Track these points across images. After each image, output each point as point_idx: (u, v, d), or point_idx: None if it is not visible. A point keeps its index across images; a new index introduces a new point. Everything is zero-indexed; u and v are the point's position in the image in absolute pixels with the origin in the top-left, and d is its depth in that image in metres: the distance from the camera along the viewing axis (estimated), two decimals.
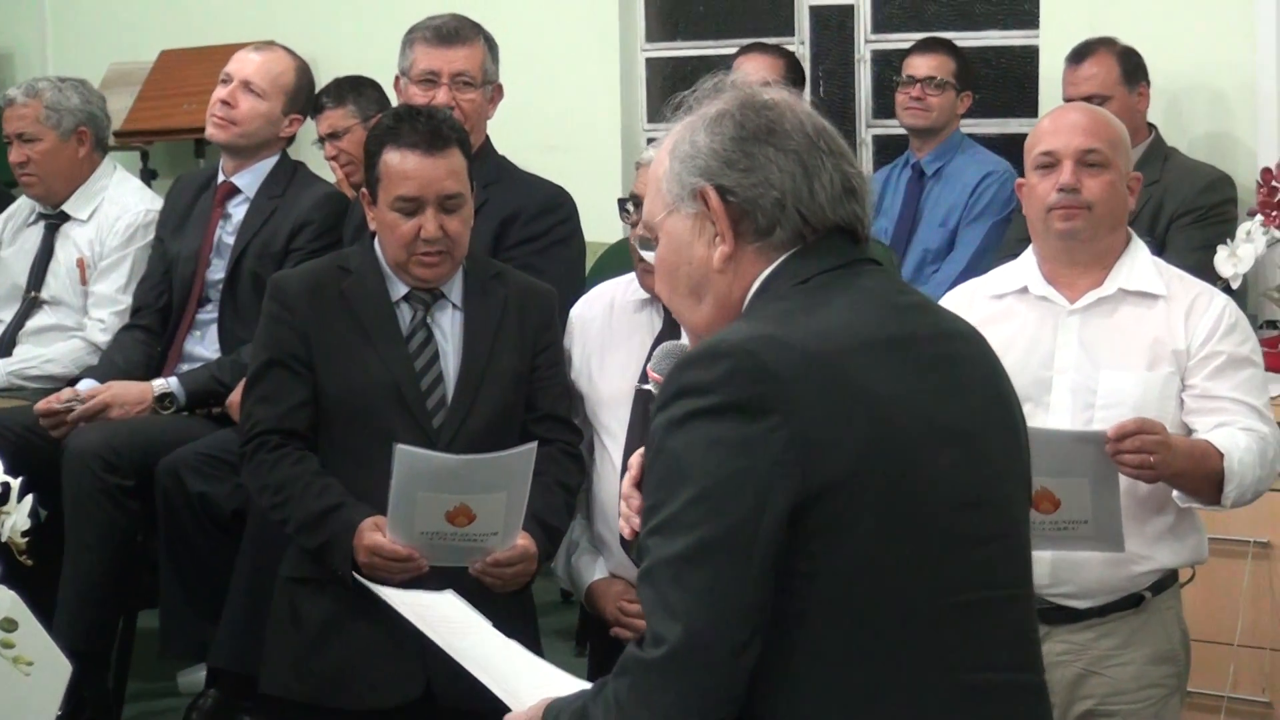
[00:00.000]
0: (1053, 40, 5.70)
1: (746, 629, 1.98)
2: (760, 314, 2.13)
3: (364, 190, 3.68)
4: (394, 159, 3.57)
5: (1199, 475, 3.18)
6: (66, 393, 4.63)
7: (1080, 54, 5.26)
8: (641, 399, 3.64)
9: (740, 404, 2.00)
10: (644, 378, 3.64)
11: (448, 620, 2.86)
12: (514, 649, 2.67)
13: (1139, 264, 3.37)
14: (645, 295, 3.72)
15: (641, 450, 2.24)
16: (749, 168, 2.15)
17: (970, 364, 2.20)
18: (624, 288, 3.80)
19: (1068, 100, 5.20)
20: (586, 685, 2.18)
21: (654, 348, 3.65)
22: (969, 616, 2.08)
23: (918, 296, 2.27)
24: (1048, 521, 3.14)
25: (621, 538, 2.33)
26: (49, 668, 2.47)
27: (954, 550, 2.08)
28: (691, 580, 1.97)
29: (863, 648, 2.02)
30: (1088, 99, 5.14)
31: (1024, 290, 3.41)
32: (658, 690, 1.98)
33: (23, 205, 5.25)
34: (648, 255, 3.56)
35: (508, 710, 2.28)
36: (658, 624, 1.98)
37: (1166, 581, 3.34)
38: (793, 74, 5.82)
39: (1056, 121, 3.44)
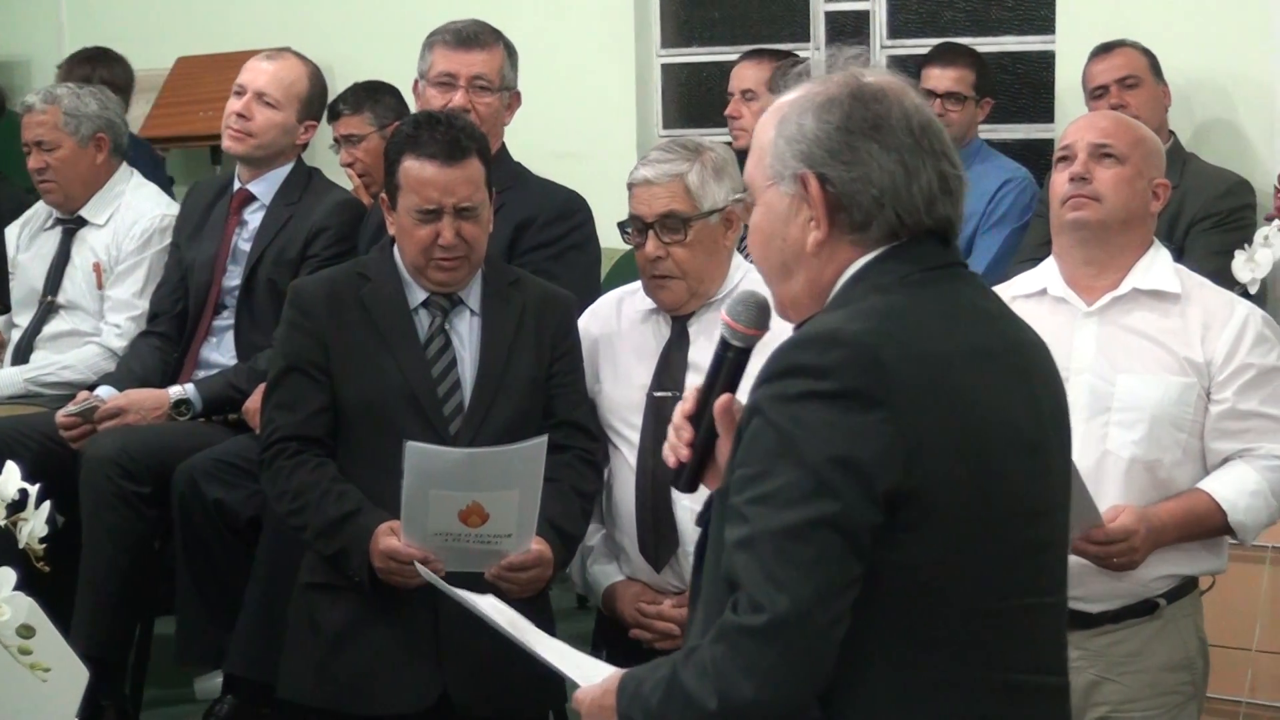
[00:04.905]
0: (1069, 45, 5.69)
1: (843, 604, 2.04)
2: (862, 304, 2.16)
3: (383, 195, 3.69)
4: (413, 167, 3.58)
5: (1201, 534, 3.25)
6: (83, 395, 4.64)
7: (1107, 46, 5.29)
8: (654, 405, 3.64)
9: (854, 392, 2.05)
10: (658, 384, 3.65)
11: (507, 619, 2.88)
12: (563, 644, 2.71)
13: (1157, 265, 3.36)
14: (652, 305, 3.71)
15: (699, 385, 2.33)
16: (851, 161, 2.18)
17: (1040, 377, 2.26)
18: (630, 296, 3.80)
19: (1095, 89, 5.21)
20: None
21: (663, 357, 3.65)
22: (1024, 619, 2.18)
23: (997, 303, 2.31)
24: None
25: (671, 468, 2.38)
26: (66, 674, 2.47)
27: (1020, 557, 2.17)
28: (798, 554, 2.02)
29: (929, 637, 2.10)
30: (1119, 81, 5.15)
31: (1043, 292, 3.42)
32: (758, 656, 2.02)
33: (40, 210, 5.24)
34: (668, 247, 3.57)
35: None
36: (759, 592, 2.02)
37: (1185, 589, 3.33)
38: None
39: (1079, 121, 3.48)
